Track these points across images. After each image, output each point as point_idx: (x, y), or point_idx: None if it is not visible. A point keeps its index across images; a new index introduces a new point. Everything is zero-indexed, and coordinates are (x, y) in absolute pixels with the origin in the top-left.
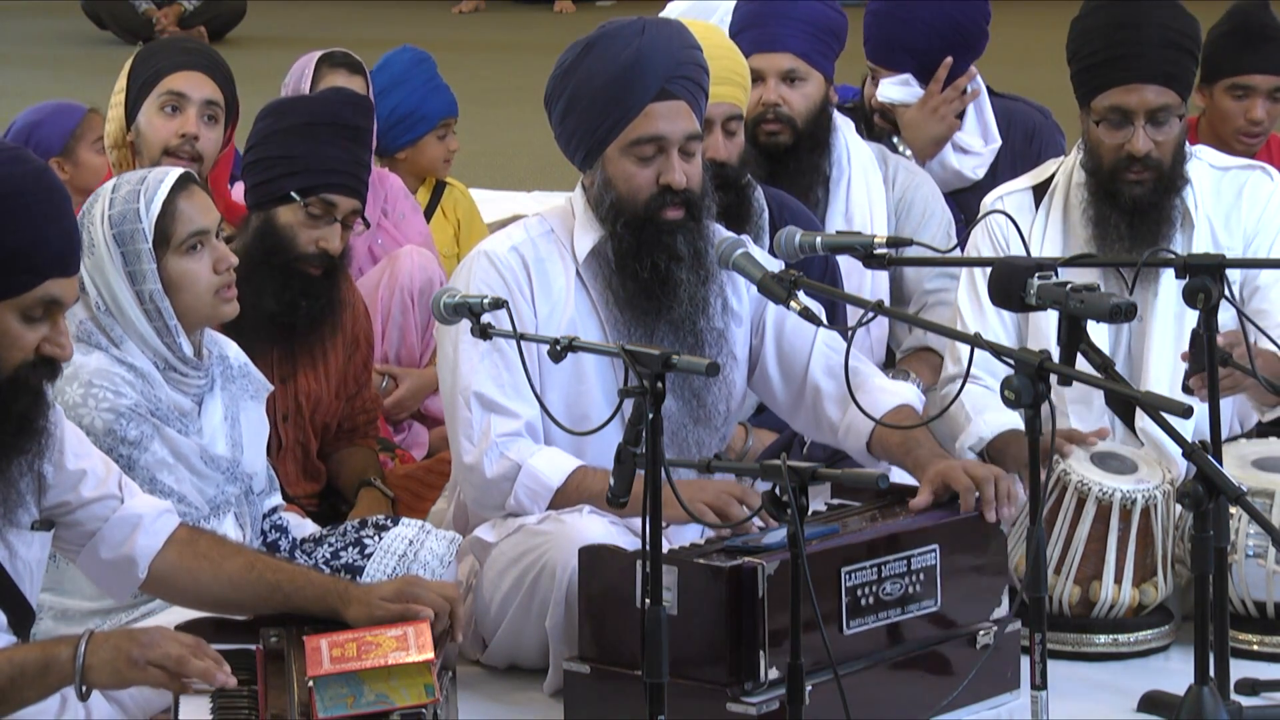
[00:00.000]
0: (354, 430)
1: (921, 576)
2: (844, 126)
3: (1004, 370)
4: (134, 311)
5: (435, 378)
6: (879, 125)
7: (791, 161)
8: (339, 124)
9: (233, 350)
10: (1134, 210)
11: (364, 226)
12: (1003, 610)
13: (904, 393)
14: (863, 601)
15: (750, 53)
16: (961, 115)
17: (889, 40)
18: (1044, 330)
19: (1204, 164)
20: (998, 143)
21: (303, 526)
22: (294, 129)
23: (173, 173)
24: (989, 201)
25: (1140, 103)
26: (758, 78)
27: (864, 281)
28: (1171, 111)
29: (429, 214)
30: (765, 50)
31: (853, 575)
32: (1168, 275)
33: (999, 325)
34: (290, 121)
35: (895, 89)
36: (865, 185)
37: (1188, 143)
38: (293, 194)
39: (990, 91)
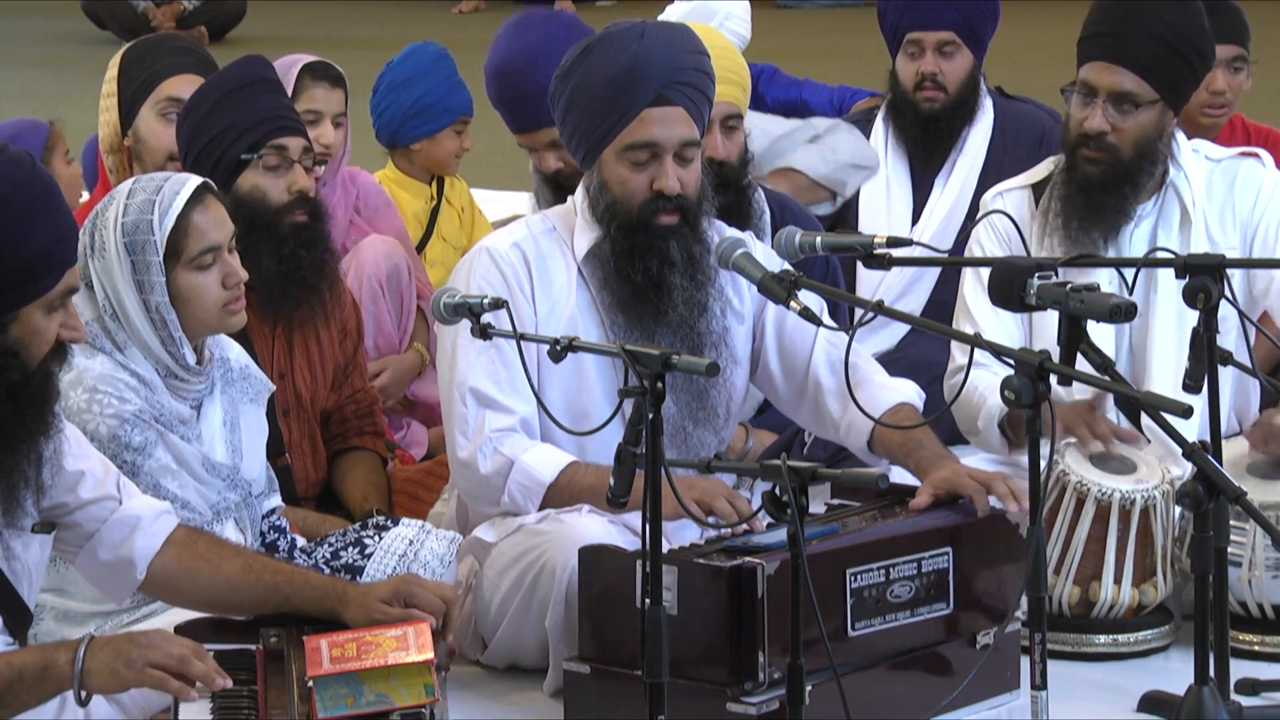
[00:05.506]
0: (345, 422)
1: (933, 579)
2: None
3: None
4: (139, 319)
5: (416, 362)
6: (927, 99)
7: None
8: (253, 82)
9: (234, 352)
10: (1084, 188)
11: (320, 167)
12: (1020, 614)
13: (904, 390)
14: (869, 603)
15: None
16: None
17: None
18: (1046, 330)
19: (1200, 156)
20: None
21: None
22: (216, 107)
23: (190, 183)
24: (988, 199)
25: (1105, 83)
26: None
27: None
28: (1136, 100)
29: (437, 206)
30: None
31: (859, 577)
32: (1167, 273)
33: (998, 323)
34: (210, 103)
35: None
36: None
37: (1177, 141)
38: (243, 156)
39: (1000, 93)
